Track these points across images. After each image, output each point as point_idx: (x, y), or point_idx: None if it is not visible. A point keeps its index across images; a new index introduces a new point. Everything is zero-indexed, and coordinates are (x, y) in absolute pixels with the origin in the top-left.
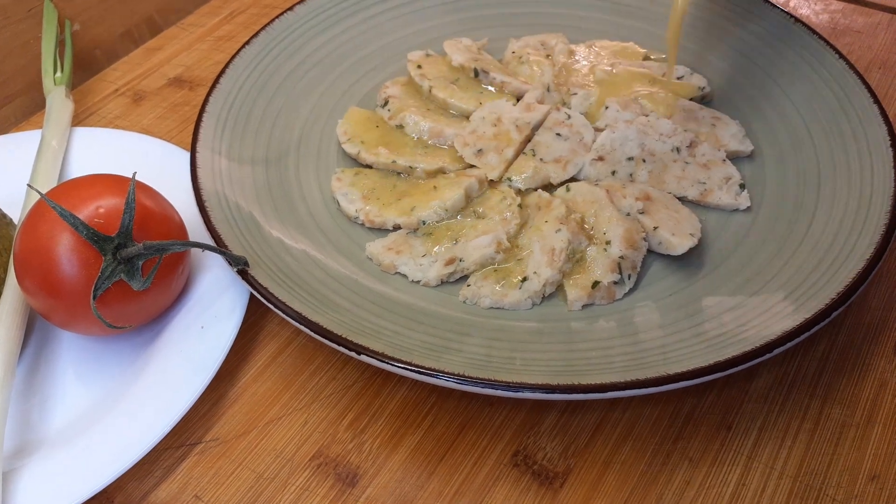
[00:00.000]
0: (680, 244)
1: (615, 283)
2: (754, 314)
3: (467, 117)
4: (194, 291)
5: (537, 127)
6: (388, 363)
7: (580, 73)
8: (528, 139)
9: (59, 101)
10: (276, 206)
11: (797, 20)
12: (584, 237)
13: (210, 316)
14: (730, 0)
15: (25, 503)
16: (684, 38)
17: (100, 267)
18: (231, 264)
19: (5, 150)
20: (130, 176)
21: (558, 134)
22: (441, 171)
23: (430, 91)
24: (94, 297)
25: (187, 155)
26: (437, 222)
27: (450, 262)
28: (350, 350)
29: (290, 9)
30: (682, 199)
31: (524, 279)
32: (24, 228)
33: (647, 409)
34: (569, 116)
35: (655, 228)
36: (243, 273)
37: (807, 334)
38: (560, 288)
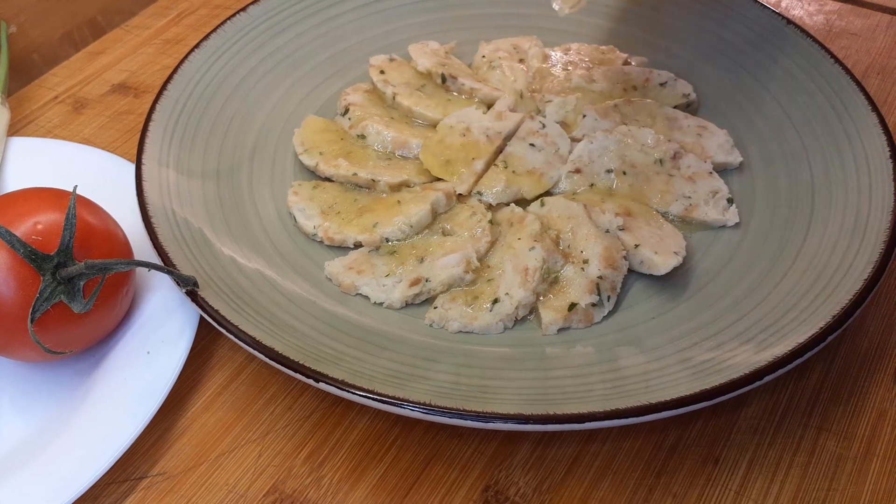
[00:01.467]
0: (663, 263)
1: (593, 305)
2: (743, 339)
3: (434, 126)
4: (140, 314)
5: (509, 137)
6: (348, 391)
7: (556, 79)
8: (500, 150)
9: None
10: (228, 223)
11: (790, 22)
12: (559, 256)
13: (157, 340)
14: (716, 0)
15: None
16: (668, 40)
17: (38, 288)
18: (179, 285)
19: None
20: (71, 190)
21: (532, 144)
22: (405, 185)
23: (393, 98)
24: (31, 321)
25: (132, 167)
26: (402, 240)
27: (415, 282)
28: (308, 377)
29: (243, 10)
30: (666, 215)
31: (495, 301)
32: None
33: (628, 441)
34: (543, 125)
35: (637, 246)
36: (193, 294)
37: (800, 360)
38: (534, 310)
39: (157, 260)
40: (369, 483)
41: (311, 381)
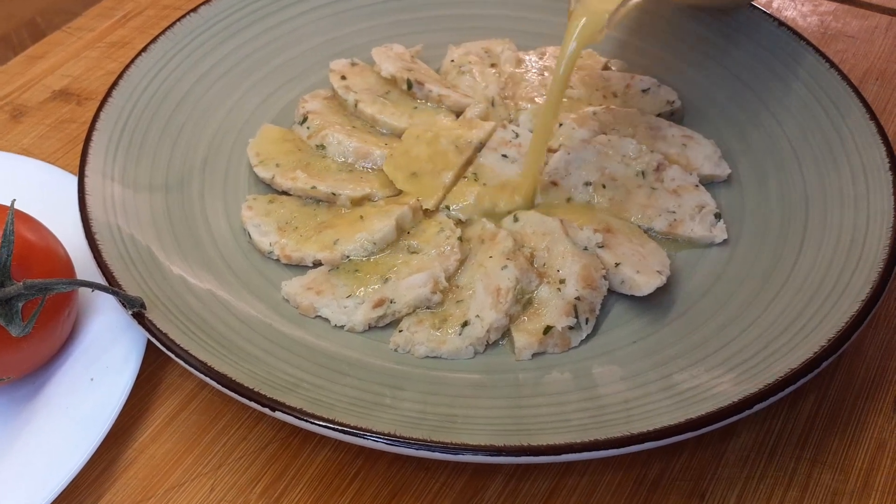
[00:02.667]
0: (645, 283)
1: (570, 328)
2: (731, 364)
3: (399, 136)
4: (83, 338)
5: (480, 147)
6: (307, 421)
7: (530, 85)
8: (470, 161)
9: None
10: (178, 239)
11: (781, 23)
12: (534, 275)
13: (101, 366)
14: None
15: None
16: (651, 43)
17: None
18: (125, 306)
19: None
20: (8, 204)
21: (504, 155)
22: (368, 199)
23: (355, 106)
24: None
25: (75, 180)
26: (364, 258)
27: (378, 303)
28: (263, 406)
29: (194, 10)
30: (649, 231)
31: (465, 324)
32: None
33: (608, 475)
34: (517, 135)
35: (617, 265)
36: (139, 316)
37: (792, 388)
38: (507, 334)
39: (101, 280)
40: None
41: (266, 410)
